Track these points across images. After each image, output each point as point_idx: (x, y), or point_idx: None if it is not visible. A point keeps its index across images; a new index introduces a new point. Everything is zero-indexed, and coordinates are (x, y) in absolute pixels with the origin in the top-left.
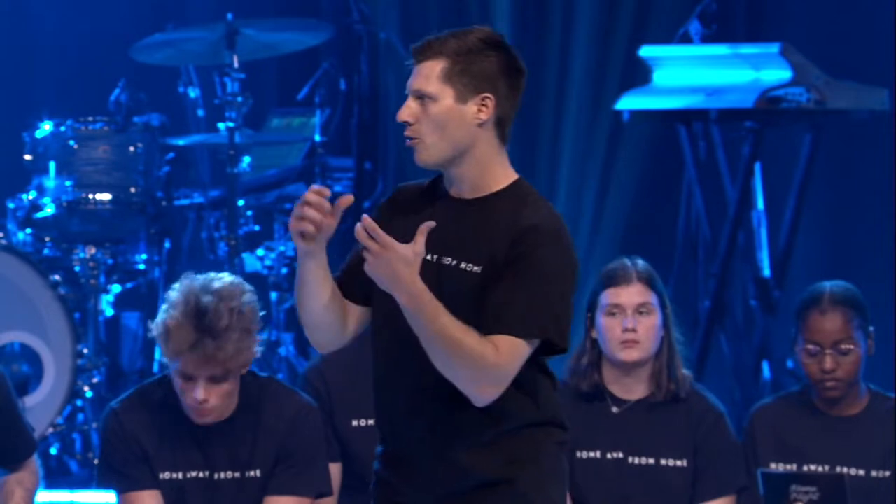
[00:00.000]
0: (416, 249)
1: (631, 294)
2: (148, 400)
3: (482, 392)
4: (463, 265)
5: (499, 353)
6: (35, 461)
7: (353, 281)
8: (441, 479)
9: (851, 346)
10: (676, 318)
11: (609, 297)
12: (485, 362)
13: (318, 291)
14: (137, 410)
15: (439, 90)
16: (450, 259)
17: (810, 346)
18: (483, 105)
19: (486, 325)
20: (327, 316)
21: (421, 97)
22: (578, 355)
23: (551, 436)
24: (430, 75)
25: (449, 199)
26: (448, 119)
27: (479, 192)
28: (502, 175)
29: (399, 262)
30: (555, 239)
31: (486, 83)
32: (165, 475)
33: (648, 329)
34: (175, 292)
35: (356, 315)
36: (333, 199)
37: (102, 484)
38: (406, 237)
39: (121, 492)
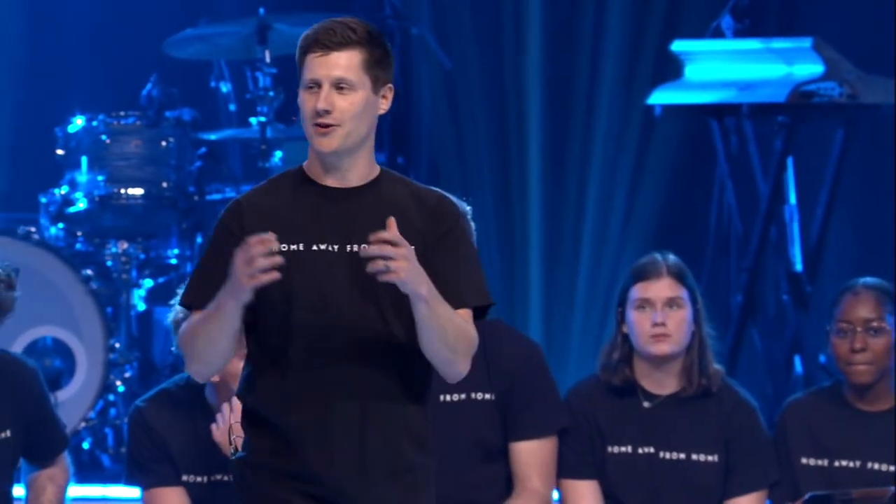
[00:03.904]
0: (405, 244)
1: (660, 288)
2: (173, 400)
3: (466, 366)
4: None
5: (471, 325)
6: (66, 457)
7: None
8: (368, 465)
9: (882, 326)
10: (708, 313)
11: (639, 291)
12: (472, 337)
13: (235, 329)
14: (162, 409)
15: (360, 79)
16: (354, 246)
17: (842, 325)
18: (385, 96)
19: (448, 302)
20: (231, 346)
21: (341, 86)
22: (609, 350)
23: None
24: (350, 65)
25: (329, 190)
26: (365, 108)
27: (363, 180)
28: (375, 163)
29: (415, 261)
30: (461, 212)
31: (389, 73)
32: (191, 478)
33: (678, 323)
34: None
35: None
36: None
37: (128, 481)
38: (297, 236)
39: (145, 488)
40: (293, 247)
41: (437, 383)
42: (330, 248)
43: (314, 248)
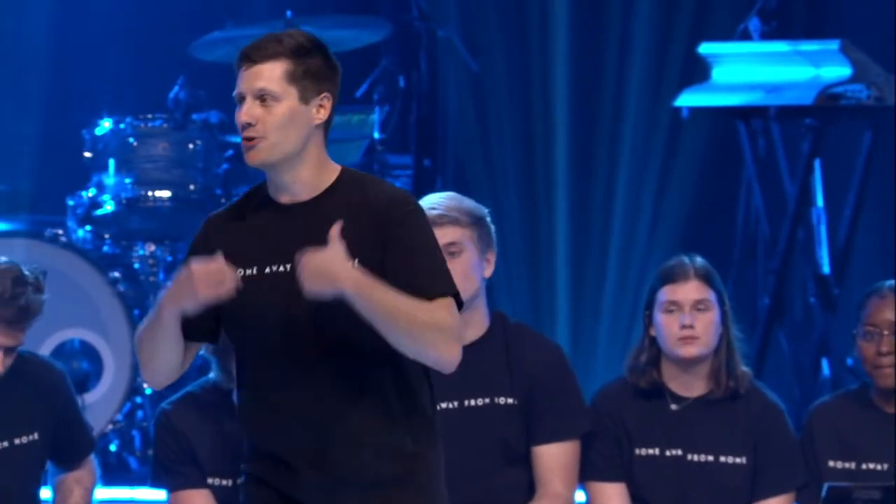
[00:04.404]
0: (333, 245)
1: (688, 290)
2: (199, 403)
3: (451, 351)
4: None
5: (448, 312)
6: (92, 460)
7: (194, 319)
8: (345, 478)
9: None
10: (735, 316)
11: (666, 293)
12: (442, 323)
13: (175, 339)
14: (188, 412)
15: (283, 90)
16: None
17: (868, 328)
18: (321, 105)
19: (415, 295)
20: (175, 358)
21: (263, 98)
22: (637, 353)
23: (434, 426)
24: (272, 76)
25: (282, 207)
26: (292, 119)
27: (316, 191)
28: (331, 169)
29: (326, 260)
30: (415, 206)
31: (324, 83)
32: (216, 481)
33: (706, 325)
34: None
35: (191, 351)
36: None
37: (155, 483)
38: (251, 260)
39: (171, 490)
40: (248, 271)
41: (461, 389)
42: (283, 269)
43: (267, 270)
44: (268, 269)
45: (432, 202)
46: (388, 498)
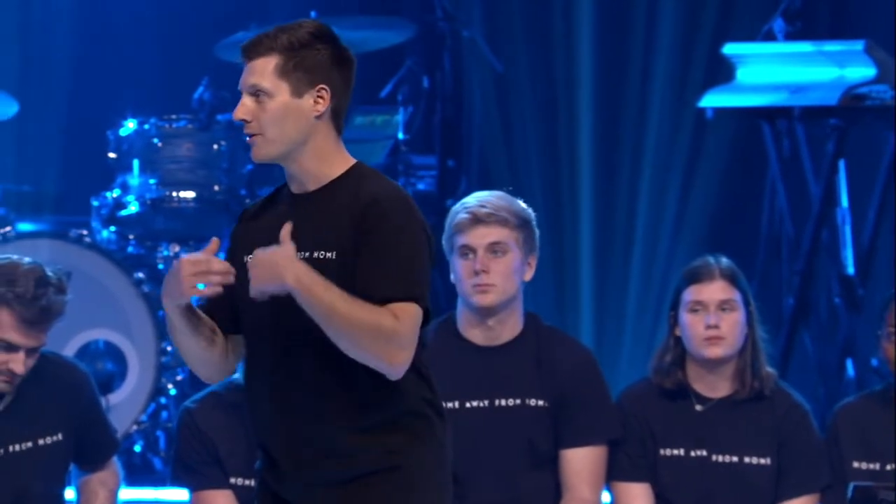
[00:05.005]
0: (282, 240)
1: (713, 291)
2: (222, 403)
3: (393, 360)
4: (316, 254)
5: (396, 317)
6: (115, 461)
7: (223, 312)
8: (324, 471)
9: None
10: (760, 316)
11: (692, 294)
12: (385, 328)
13: (191, 332)
14: (212, 411)
15: (274, 86)
16: (302, 253)
17: (892, 328)
18: (319, 97)
19: (369, 301)
20: (202, 352)
21: (256, 94)
22: (661, 353)
23: (431, 425)
24: (263, 72)
25: (293, 197)
26: (286, 114)
27: (320, 182)
28: (341, 162)
29: (273, 257)
30: (398, 206)
31: (320, 75)
32: (239, 481)
33: (732, 325)
34: None
35: (234, 343)
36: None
37: (176, 482)
38: (252, 245)
39: (194, 489)
40: (249, 258)
41: (493, 388)
42: None
43: None
44: None
45: (482, 200)
46: (367, 488)
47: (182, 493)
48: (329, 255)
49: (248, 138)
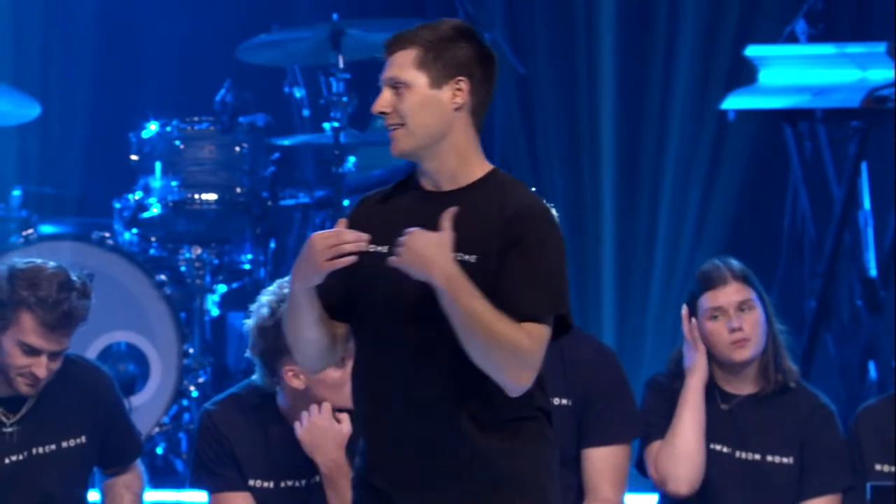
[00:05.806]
0: (441, 226)
1: (730, 294)
2: (242, 405)
3: (519, 378)
4: (458, 256)
5: (531, 338)
6: (139, 464)
7: (333, 299)
8: (446, 478)
9: None
10: (781, 317)
11: (709, 300)
12: (522, 349)
13: (313, 316)
14: (232, 414)
15: (413, 77)
16: None
17: None
18: (458, 89)
19: (509, 313)
20: (321, 339)
21: (395, 86)
22: (678, 357)
23: (543, 429)
24: (403, 64)
25: (425, 193)
26: (424, 104)
27: (457, 183)
28: (479, 165)
29: (430, 244)
30: (544, 220)
31: (459, 68)
32: (258, 483)
33: (754, 325)
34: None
35: (341, 332)
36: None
37: (195, 484)
38: (386, 239)
39: (212, 491)
40: (381, 248)
41: None
42: None
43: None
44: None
45: None
46: (490, 497)
47: (202, 496)
48: (469, 258)
49: (389, 132)
